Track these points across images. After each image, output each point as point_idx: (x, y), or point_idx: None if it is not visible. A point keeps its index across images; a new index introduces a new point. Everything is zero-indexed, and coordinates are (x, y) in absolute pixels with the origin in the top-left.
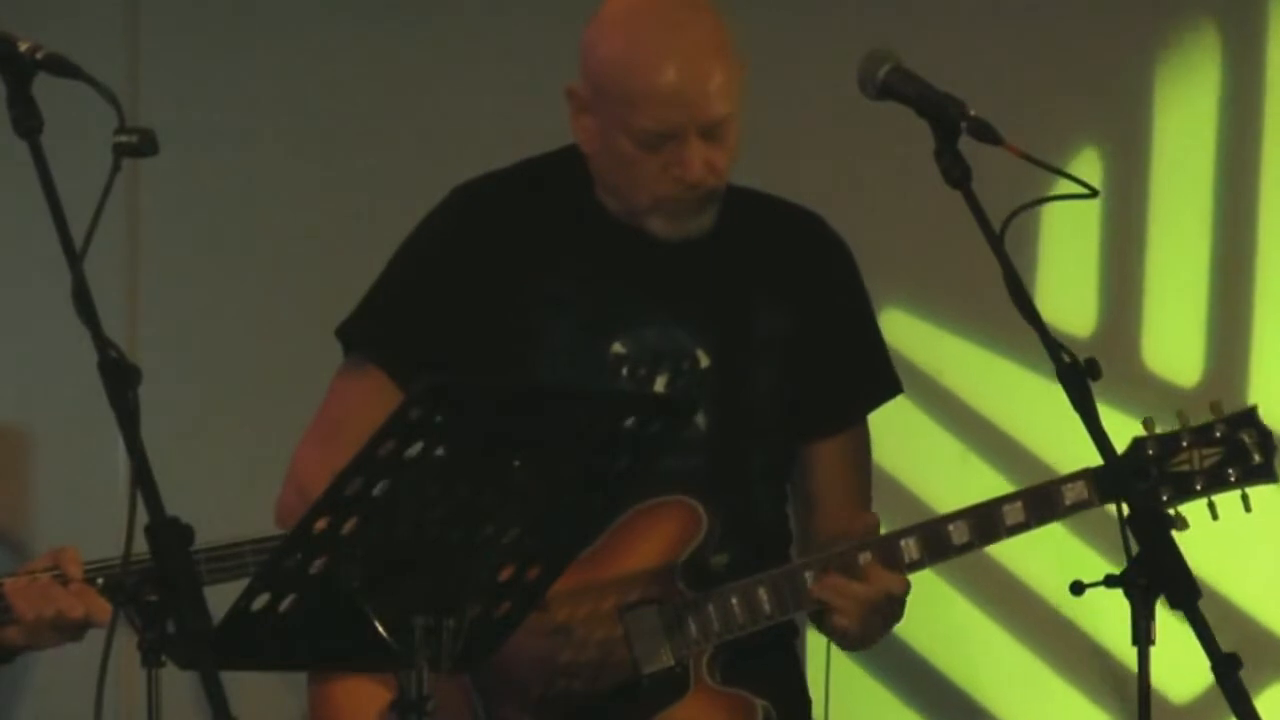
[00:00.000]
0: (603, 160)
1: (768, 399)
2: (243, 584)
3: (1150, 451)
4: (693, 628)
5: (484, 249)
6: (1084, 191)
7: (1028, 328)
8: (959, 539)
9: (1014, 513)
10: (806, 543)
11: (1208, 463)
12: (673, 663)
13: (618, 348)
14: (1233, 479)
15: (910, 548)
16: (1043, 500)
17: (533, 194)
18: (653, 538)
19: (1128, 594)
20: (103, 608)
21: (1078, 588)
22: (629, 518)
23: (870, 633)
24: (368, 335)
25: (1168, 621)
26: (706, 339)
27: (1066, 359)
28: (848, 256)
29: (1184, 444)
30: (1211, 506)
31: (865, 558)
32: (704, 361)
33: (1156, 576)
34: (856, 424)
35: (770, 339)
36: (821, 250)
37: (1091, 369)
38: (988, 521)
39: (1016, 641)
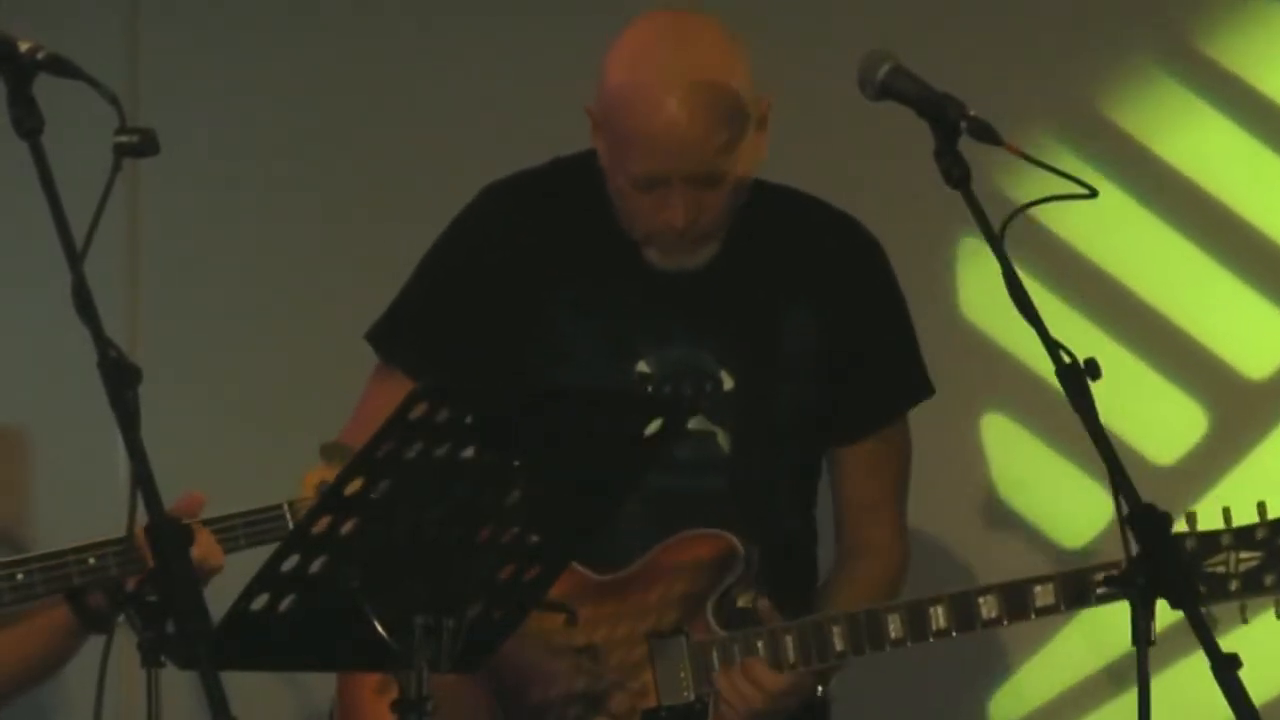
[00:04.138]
0: (610, 183)
1: (791, 414)
2: (237, 557)
3: (1189, 547)
4: (716, 666)
5: (511, 259)
6: (1083, 191)
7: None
8: (988, 613)
9: (1044, 595)
10: (840, 541)
11: (1244, 566)
12: (693, 698)
13: (643, 367)
14: (1268, 585)
15: (938, 615)
16: (1073, 586)
17: (561, 202)
18: (688, 569)
19: (1128, 594)
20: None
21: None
22: (667, 545)
23: None
24: (394, 343)
25: None
26: (731, 361)
27: (1066, 359)
28: (880, 259)
29: (1223, 544)
30: (1243, 610)
31: (749, 661)
32: (728, 384)
33: (1156, 576)
34: (884, 429)
35: (798, 354)
36: (853, 254)
37: (1091, 369)
38: (1017, 599)
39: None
